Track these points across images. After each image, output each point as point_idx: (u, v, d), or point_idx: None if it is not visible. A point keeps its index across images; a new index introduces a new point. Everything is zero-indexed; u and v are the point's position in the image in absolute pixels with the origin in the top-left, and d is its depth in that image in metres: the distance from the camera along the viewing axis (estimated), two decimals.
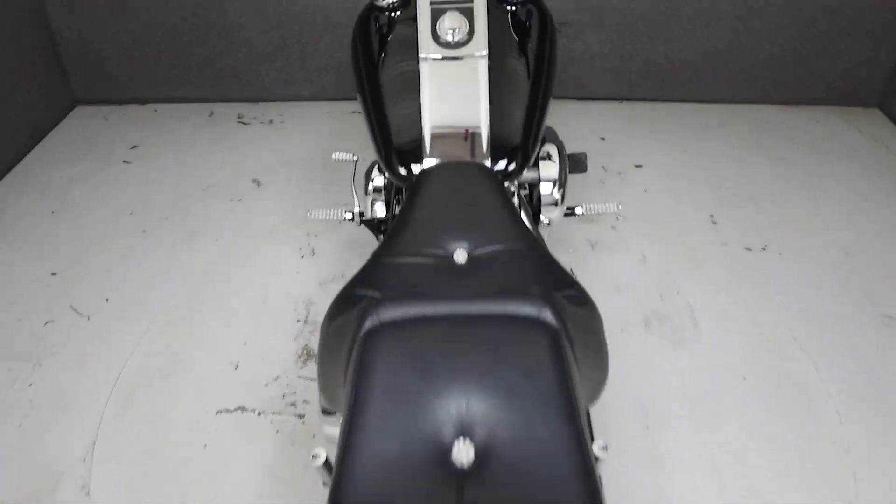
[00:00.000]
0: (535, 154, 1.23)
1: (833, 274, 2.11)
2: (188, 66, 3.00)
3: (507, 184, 1.19)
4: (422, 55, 1.20)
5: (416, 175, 1.14)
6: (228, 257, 2.17)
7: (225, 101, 3.11)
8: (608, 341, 0.92)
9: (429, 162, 1.14)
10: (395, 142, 1.18)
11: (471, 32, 1.21)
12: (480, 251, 0.92)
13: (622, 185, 2.55)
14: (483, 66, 1.19)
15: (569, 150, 1.58)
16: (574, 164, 1.64)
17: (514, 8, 1.33)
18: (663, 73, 2.98)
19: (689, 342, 1.85)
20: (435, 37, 1.21)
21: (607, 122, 2.94)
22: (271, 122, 2.99)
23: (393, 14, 1.33)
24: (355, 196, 1.62)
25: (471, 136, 1.15)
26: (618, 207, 1.67)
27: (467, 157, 1.14)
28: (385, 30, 1.34)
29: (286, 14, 2.84)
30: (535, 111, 1.21)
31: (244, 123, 2.98)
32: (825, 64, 2.89)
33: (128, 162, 2.71)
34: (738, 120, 2.95)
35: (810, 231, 2.30)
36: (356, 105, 1.39)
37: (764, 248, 2.23)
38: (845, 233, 2.29)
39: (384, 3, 1.32)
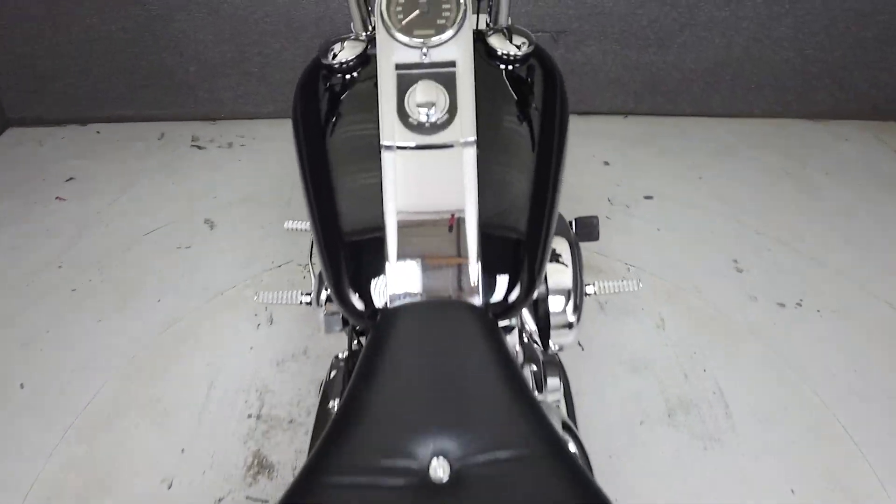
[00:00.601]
0: (544, 273, 0.90)
1: (883, 339, 1.80)
2: (133, 83, 2.62)
3: (504, 322, 0.86)
4: (384, 142, 0.85)
5: (378, 314, 0.81)
6: (169, 328, 1.83)
7: (177, 120, 2.74)
8: (624, 435, 0.62)
9: (394, 294, 0.81)
10: (346, 259, 0.84)
11: (453, 110, 0.86)
12: (470, 461, 0.61)
13: (631, 221, 2.22)
14: (470, 158, 0.85)
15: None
16: (583, 231, 1.31)
17: (509, 67, 0.98)
18: (673, 85, 2.64)
19: (722, 439, 1.54)
20: (403, 116, 0.86)
21: (611, 141, 2.60)
22: (230, 145, 2.62)
23: (347, 75, 0.98)
24: (314, 277, 1.28)
25: (449, 262, 0.81)
26: (638, 285, 1.34)
27: (449, 290, 0.81)
28: (337, 95, 0.99)
29: (243, 23, 2.46)
30: (544, 215, 0.87)
31: (199, 147, 2.61)
32: (855, 74, 2.57)
33: (61, 199, 2.34)
34: (757, 138, 2.62)
35: (850, 282, 1.98)
36: None
37: (799, 304, 1.91)
38: (891, 281, 1.98)
39: (335, 61, 0.97)
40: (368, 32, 1.19)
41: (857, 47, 2.47)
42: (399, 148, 0.86)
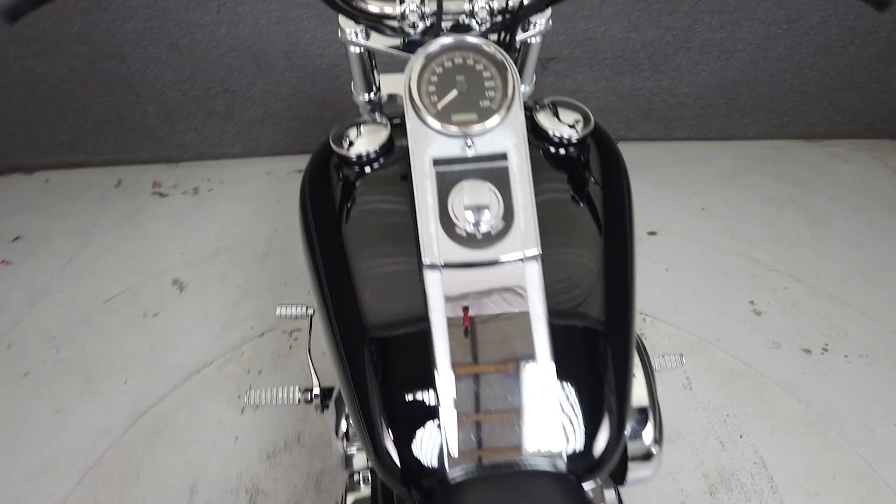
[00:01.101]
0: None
1: None
2: (84, 126, 2.38)
3: (589, 484, 0.69)
4: (427, 259, 0.68)
5: (434, 489, 0.63)
6: (140, 418, 1.61)
7: (136, 165, 2.50)
8: None
9: (454, 460, 0.63)
10: (384, 410, 0.66)
11: (509, 215, 0.68)
12: None
13: (638, 261, 2.07)
14: (536, 277, 0.68)
15: None
16: None
17: (564, 150, 0.81)
18: (667, 111, 2.51)
19: None
20: (447, 225, 0.68)
21: None
22: (196, 190, 2.40)
23: (367, 167, 0.80)
24: (312, 368, 1.10)
25: (521, 415, 0.64)
26: (682, 361, 1.19)
27: (524, 452, 0.63)
28: (358, 195, 0.80)
29: (205, 59, 2.25)
30: (624, 339, 0.71)
31: (161, 195, 2.38)
32: (851, 93, 2.48)
33: (7, 263, 2.09)
34: (755, 162, 2.52)
35: (873, 321, 1.87)
36: (303, 161, 0.85)
37: (825, 350, 1.79)
38: None
39: (351, 153, 0.78)
40: (373, 94, 1.00)
41: (855, 66, 2.39)
42: (446, 266, 0.68)
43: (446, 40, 0.75)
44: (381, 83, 1.01)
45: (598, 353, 0.69)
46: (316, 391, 1.07)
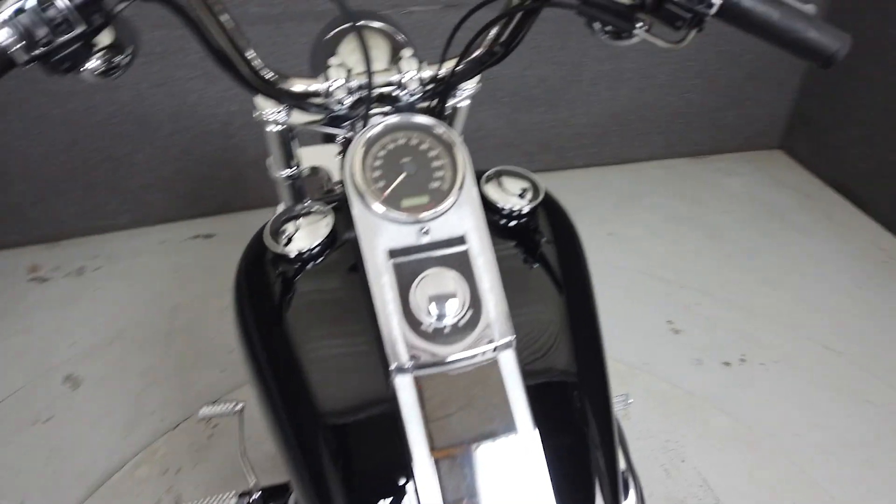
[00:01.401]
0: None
1: (830, 384, 1.78)
2: None
3: None
4: (394, 363, 0.61)
5: None
6: None
7: (7, 249, 2.25)
8: None
9: None
10: None
11: (476, 303, 0.63)
12: None
13: None
14: (511, 363, 0.63)
15: None
16: None
17: (517, 221, 0.78)
18: (564, 141, 2.58)
19: None
20: (412, 322, 0.62)
21: None
22: (81, 270, 2.18)
23: (310, 263, 0.73)
24: (250, 468, 0.99)
25: None
26: (628, 400, 1.18)
27: None
28: (302, 295, 0.72)
29: (82, 128, 2.07)
30: (605, 417, 0.68)
31: (41, 280, 2.15)
32: (729, 111, 2.66)
33: None
34: (651, 183, 2.63)
35: (781, 326, 1.97)
36: (200, 225, 0.76)
37: (743, 360, 1.87)
38: (818, 319, 1.99)
39: (290, 249, 0.71)
40: (293, 170, 0.93)
41: (731, 87, 2.56)
42: (415, 368, 0.61)
43: (391, 120, 0.69)
44: (302, 157, 0.95)
45: (583, 428, 0.66)
46: (256, 495, 0.97)
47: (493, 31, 0.76)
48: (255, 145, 2.23)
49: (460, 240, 0.65)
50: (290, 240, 0.71)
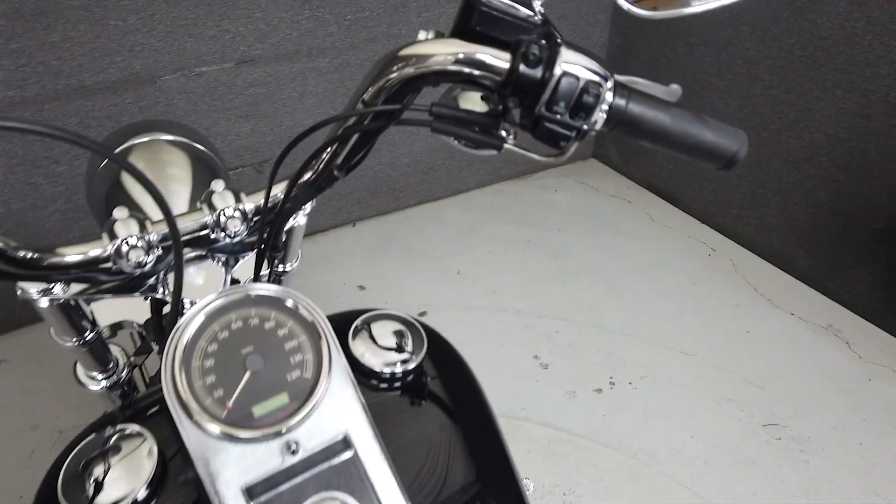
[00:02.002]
0: None
1: (697, 391, 1.84)
2: None
3: None
4: None
5: None
6: None
7: None
8: None
9: None
10: None
11: None
12: None
13: None
14: None
15: None
16: None
17: (401, 381, 0.63)
18: (392, 183, 2.47)
19: None
20: None
21: (353, 259, 2.31)
22: None
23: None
24: None
25: None
26: (531, 486, 1.09)
27: None
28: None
29: None
30: None
31: None
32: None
33: None
34: (483, 211, 2.60)
35: (638, 340, 2.02)
36: None
37: (612, 384, 1.87)
38: (665, 325, 2.07)
39: (102, 501, 0.49)
40: (89, 336, 0.69)
41: None
42: None
43: (217, 302, 0.51)
44: (96, 316, 0.72)
45: None
46: None
47: (330, 151, 0.61)
48: (48, 235, 1.84)
49: (343, 444, 0.49)
50: (97, 490, 0.50)
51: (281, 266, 0.83)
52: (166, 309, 0.74)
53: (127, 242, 0.54)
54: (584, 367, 1.92)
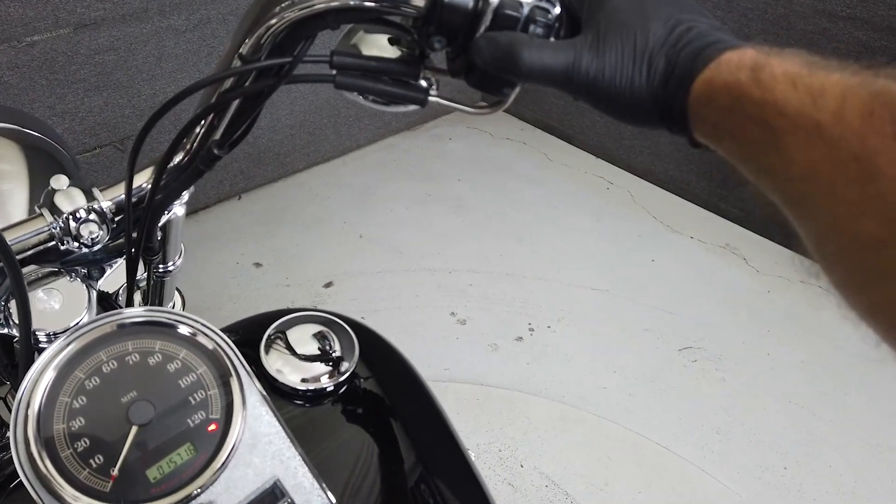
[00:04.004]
0: None
1: (605, 324, 1.86)
2: None
3: None
4: None
5: None
6: None
7: None
8: None
9: None
10: None
11: None
12: None
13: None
14: None
15: None
16: None
17: (331, 394, 0.53)
18: (277, 148, 2.29)
19: None
20: None
21: (244, 234, 2.13)
22: None
23: None
24: None
25: None
26: None
27: None
28: None
29: None
30: None
31: None
32: None
33: None
34: (377, 169, 2.48)
35: (544, 279, 2.01)
36: None
37: (532, 329, 1.86)
38: (575, 263, 2.07)
39: None
40: None
41: None
42: None
43: (74, 344, 0.39)
44: None
45: None
46: None
47: (205, 124, 0.48)
48: None
49: (273, 495, 0.40)
50: None
51: (161, 266, 0.70)
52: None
53: None
54: (501, 318, 1.88)
